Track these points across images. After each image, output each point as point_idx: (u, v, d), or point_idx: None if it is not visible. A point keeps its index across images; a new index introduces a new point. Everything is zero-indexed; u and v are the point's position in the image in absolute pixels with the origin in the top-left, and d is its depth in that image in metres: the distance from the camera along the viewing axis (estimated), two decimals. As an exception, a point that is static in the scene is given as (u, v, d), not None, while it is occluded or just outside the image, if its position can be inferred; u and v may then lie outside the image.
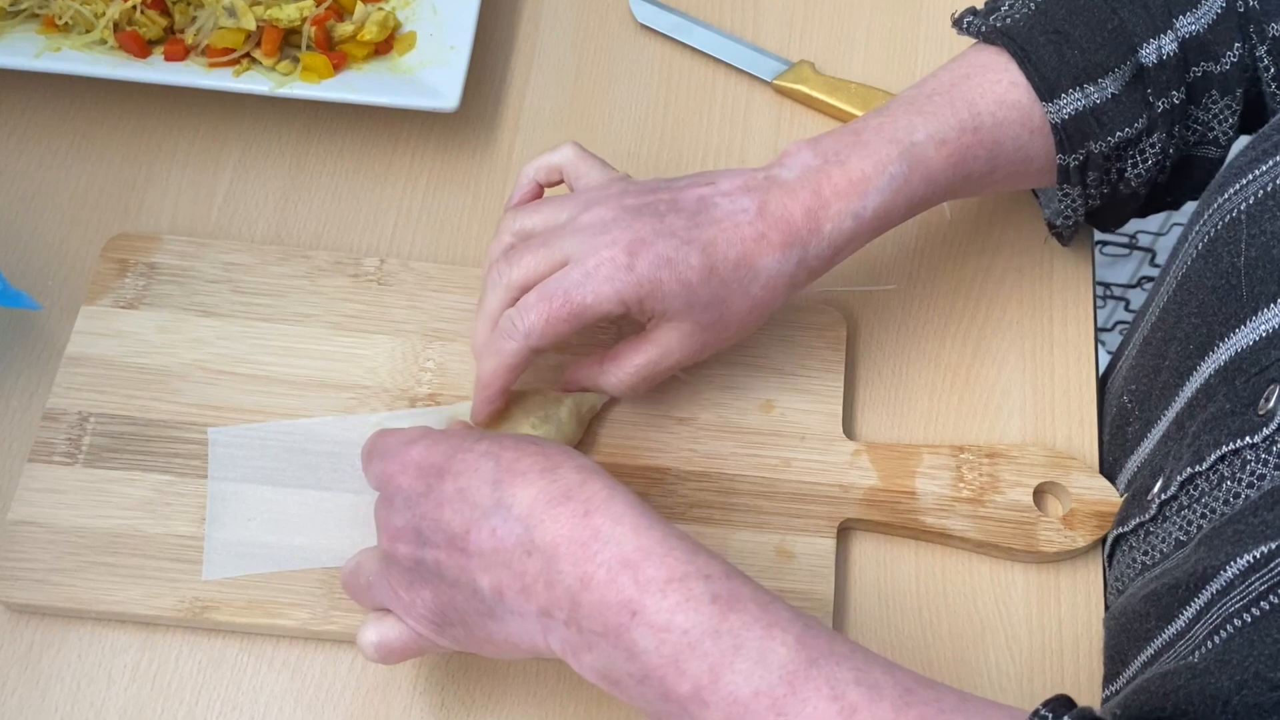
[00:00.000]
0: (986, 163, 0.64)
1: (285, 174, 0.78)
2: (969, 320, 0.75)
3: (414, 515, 0.53)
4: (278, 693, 0.63)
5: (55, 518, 0.64)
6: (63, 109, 0.79)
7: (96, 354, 0.69)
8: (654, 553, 0.49)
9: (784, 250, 0.61)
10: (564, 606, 0.50)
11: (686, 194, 0.62)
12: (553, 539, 0.50)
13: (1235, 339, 0.56)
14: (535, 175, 0.67)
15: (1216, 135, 0.68)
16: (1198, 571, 0.53)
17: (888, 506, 0.67)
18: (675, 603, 0.48)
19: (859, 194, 0.62)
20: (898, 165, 0.62)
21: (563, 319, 0.60)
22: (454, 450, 0.54)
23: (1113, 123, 0.64)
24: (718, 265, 0.61)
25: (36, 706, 0.62)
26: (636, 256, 0.60)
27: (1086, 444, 0.71)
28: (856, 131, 0.64)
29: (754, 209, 0.61)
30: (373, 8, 0.79)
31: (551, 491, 0.51)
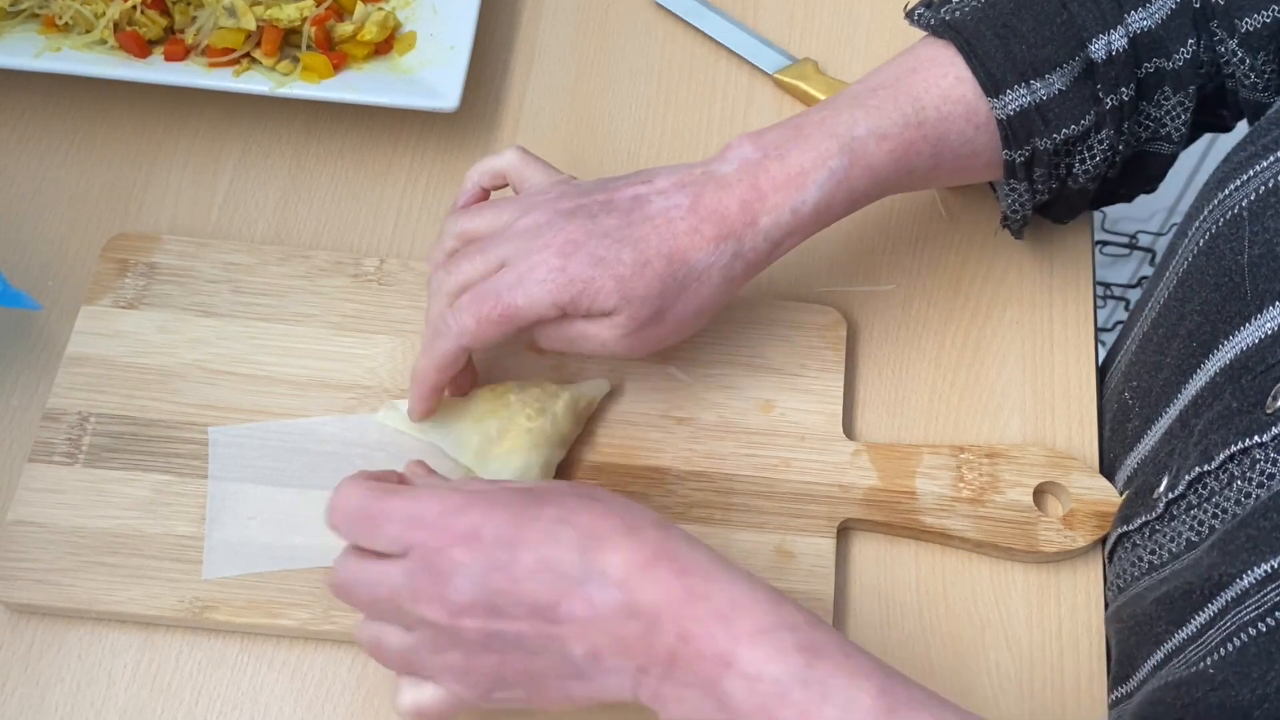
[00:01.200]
0: (930, 157, 0.64)
1: (285, 174, 0.78)
2: (969, 320, 0.75)
3: (485, 591, 0.52)
4: (278, 693, 0.63)
5: (55, 518, 0.64)
6: (63, 109, 0.79)
7: (96, 354, 0.69)
8: (742, 604, 0.51)
9: (717, 244, 0.61)
10: (661, 662, 0.51)
11: (622, 194, 0.62)
12: (654, 600, 0.51)
13: (1240, 336, 0.56)
14: (479, 180, 0.67)
15: (1169, 132, 0.67)
16: (1212, 577, 0.52)
17: (888, 506, 0.67)
18: (766, 654, 0.50)
19: (797, 188, 0.61)
20: (838, 160, 0.62)
21: (494, 321, 0.60)
22: (520, 520, 0.53)
23: (1059, 119, 0.64)
24: (651, 260, 0.60)
25: (36, 706, 0.62)
26: (569, 258, 0.60)
27: (1086, 444, 0.71)
28: (798, 126, 0.63)
29: (686, 204, 0.61)
30: (373, 8, 0.79)
31: (642, 554, 0.52)
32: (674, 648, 0.50)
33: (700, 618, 0.50)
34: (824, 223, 0.63)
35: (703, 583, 0.51)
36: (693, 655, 0.50)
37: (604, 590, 0.51)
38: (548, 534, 0.52)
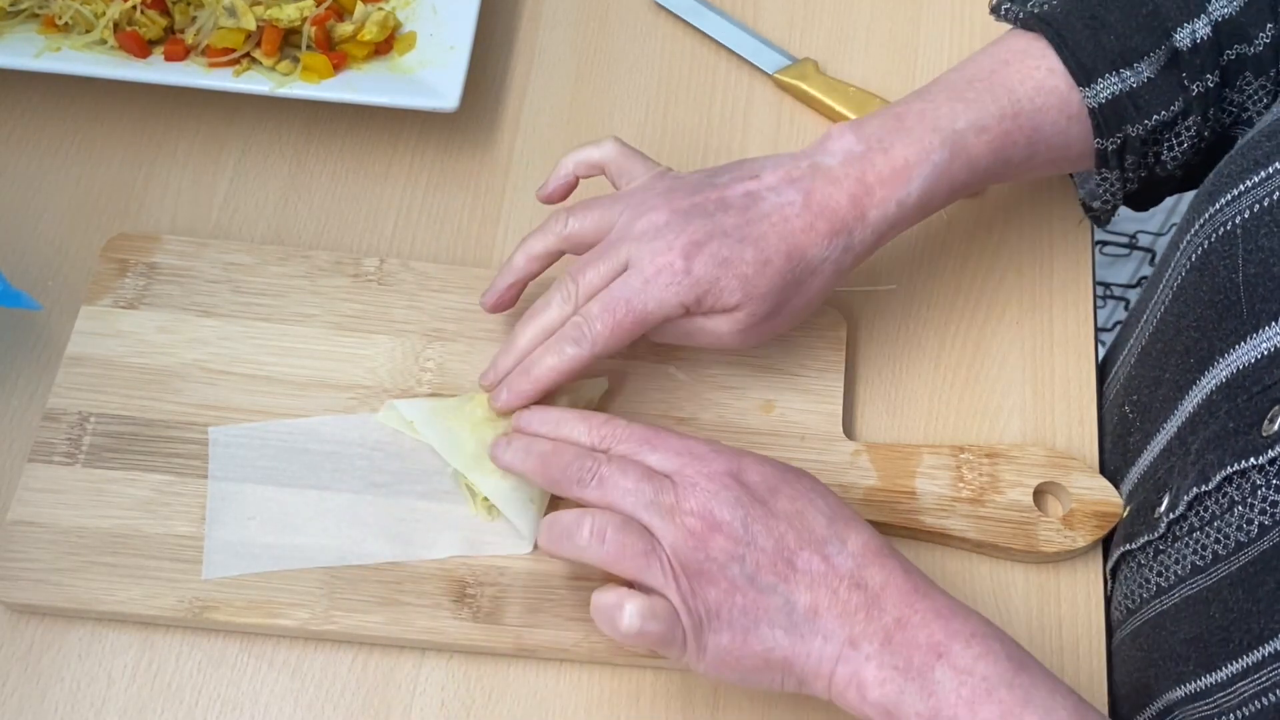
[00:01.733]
0: (1026, 149, 0.65)
1: (285, 174, 0.78)
2: (969, 320, 0.75)
3: (745, 514, 0.56)
4: (278, 693, 0.63)
5: (55, 518, 0.64)
6: (63, 109, 0.79)
7: (96, 354, 0.69)
8: (958, 611, 0.55)
9: (831, 239, 0.63)
10: (875, 640, 0.54)
11: (733, 190, 0.63)
12: (881, 583, 0.55)
13: (1236, 355, 0.56)
14: (575, 169, 0.68)
15: (1251, 115, 0.68)
16: (1252, 630, 0.53)
17: (887, 506, 0.67)
18: (977, 653, 0.54)
19: (902, 181, 0.63)
20: (940, 153, 0.63)
21: (627, 328, 0.62)
22: (781, 475, 0.58)
23: (1149, 106, 0.65)
24: (771, 258, 0.62)
25: (36, 706, 0.62)
26: (692, 259, 0.61)
27: (1086, 444, 0.71)
28: (899, 117, 0.64)
29: (800, 200, 0.62)
30: (373, 8, 0.79)
31: (878, 544, 0.57)
32: (890, 629, 0.54)
33: (920, 609, 0.55)
34: (925, 214, 0.65)
35: (924, 584, 0.56)
36: (907, 641, 0.54)
37: (841, 555, 0.56)
38: (802, 494, 0.58)
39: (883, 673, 0.54)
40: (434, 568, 0.64)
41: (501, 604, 0.64)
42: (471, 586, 0.64)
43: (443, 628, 0.63)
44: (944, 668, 0.53)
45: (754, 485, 0.57)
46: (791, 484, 0.58)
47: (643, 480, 0.58)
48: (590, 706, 0.63)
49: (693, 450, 0.58)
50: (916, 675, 0.53)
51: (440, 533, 0.65)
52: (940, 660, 0.53)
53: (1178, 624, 0.59)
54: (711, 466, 0.57)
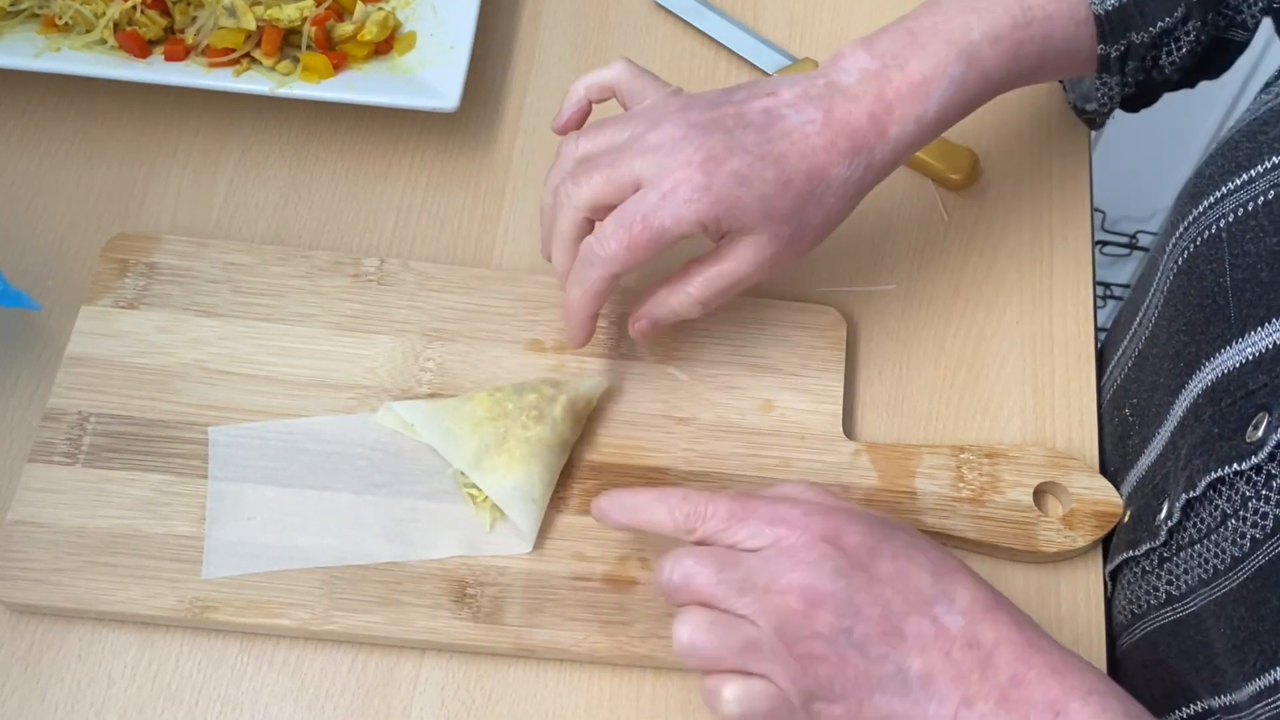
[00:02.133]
0: (1037, 57, 0.65)
1: (285, 174, 0.78)
2: (969, 320, 0.75)
3: (847, 584, 0.53)
4: (278, 693, 0.63)
5: (55, 518, 0.64)
6: (63, 109, 0.79)
7: (96, 354, 0.69)
8: (1073, 665, 0.53)
9: (852, 157, 0.62)
10: (990, 699, 0.52)
11: (750, 106, 0.62)
12: (995, 640, 0.53)
13: (1221, 359, 0.56)
14: (586, 93, 0.67)
15: (1244, 19, 0.69)
16: (1267, 651, 0.52)
17: (888, 507, 0.67)
18: (1095, 711, 0.51)
19: (920, 98, 0.62)
20: (956, 66, 0.62)
21: (643, 245, 0.60)
22: (879, 532, 0.55)
23: (1154, 13, 0.65)
24: (792, 178, 0.61)
25: (36, 706, 0.62)
26: (712, 175, 0.60)
27: (1086, 444, 0.71)
28: (911, 32, 0.63)
29: (820, 118, 0.61)
30: (373, 8, 0.79)
31: (986, 595, 0.54)
32: (1005, 688, 0.52)
33: (1035, 664, 0.52)
34: (942, 129, 0.64)
35: (1036, 637, 0.53)
36: (1024, 699, 0.52)
37: (950, 614, 0.53)
38: (904, 552, 0.54)
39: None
40: (434, 568, 0.64)
41: (501, 604, 0.64)
42: (471, 586, 0.64)
43: (443, 628, 0.63)
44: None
45: (853, 549, 0.54)
46: (891, 540, 0.55)
47: (725, 569, 0.54)
48: (590, 706, 0.63)
49: (786, 518, 0.55)
50: None
51: (440, 533, 0.65)
52: (1058, 718, 0.51)
53: (1189, 637, 0.59)
54: (809, 534, 0.54)
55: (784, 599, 0.53)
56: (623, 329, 0.71)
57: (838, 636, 0.53)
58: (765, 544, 0.54)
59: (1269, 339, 0.54)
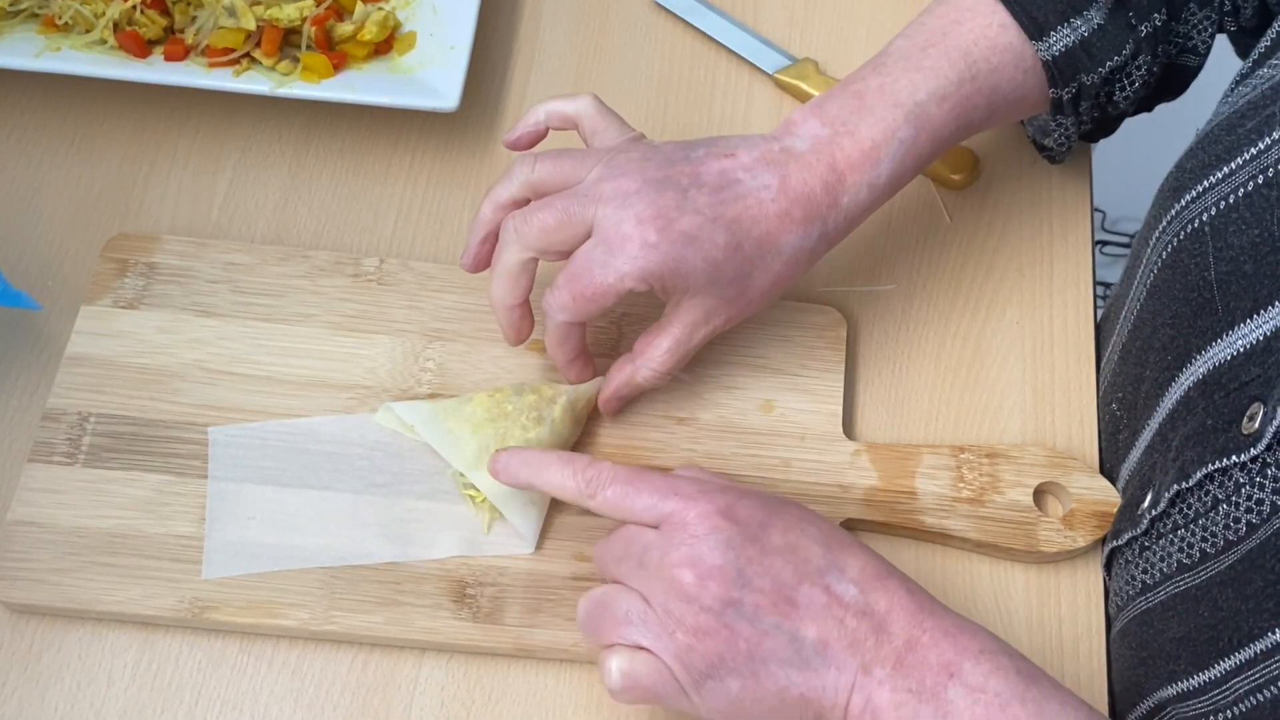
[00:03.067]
0: (986, 109, 0.65)
1: (285, 174, 0.78)
2: (969, 320, 0.75)
3: (736, 557, 0.54)
4: (278, 693, 0.63)
5: (55, 518, 0.64)
6: (63, 109, 0.79)
7: (96, 354, 0.69)
8: (965, 627, 0.54)
9: (806, 226, 0.62)
10: (887, 664, 0.53)
11: (708, 166, 0.62)
12: (887, 606, 0.54)
13: (1212, 352, 0.56)
14: (547, 119, 0.67)
15: (1195, 44, 0.69)
16: (1240, 627, 0.53)
17: (888, 506, 0.67)
18: (988, 670, 0.53)
19: (871, 164, 0.62)
20: (905, 129, 0.63)
21: (588, 298, 0.61)
22: (770, 507, 0.56)
23: (1101, 53, 0.65)
24: (743, 243, 0.61)
25: (36, 706, 0.62)
26: (662, 233, 0.60)
27: (1086, 444, 0.71)
28: (859, 95, 0.64)
29: (776, 185, 0.61)
30: (373, 8, 0.79)
31: (877, 565, 0.56)
32: (900, 653, 0.53)
33: (929, 628, 0.54)
34: (894, 192, 0.65)
35: (928, 602, 0.55)
36: (918, 662, 0.53)
37: (842, 583, 0.54)
38: (795, 525, 0.56)
39: (897, 696, 0.53)
40: (434, 568, 0.64)
41: (501, 604, 0.64)
42: (471, 586, 0.64)
43: (443, 628, 0.63)
44: (956, 687, 0.52)
45: (744, 521, 0.55)
46: (782, 514, 0.56)
47: (627, 545, 0.56)
48: (590, 706, 0.63)
49: (679, 491, 0.56)
50: (930, 696, 0.52)
51: (440, 533, 0.65)
52: (952, 679, 0.52)
53: (1166, 622, 0.59)
54: (700, 506, 0.55)
55: (675, 573, 0.54)
56: (623, 329, 0.71)
57: (726, 609, 0.53)
58: (660, 518, 0.56)
59: (1259, 331, 0.54)
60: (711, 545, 0.54)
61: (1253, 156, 0.57)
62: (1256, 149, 0.57)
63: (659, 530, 0.56)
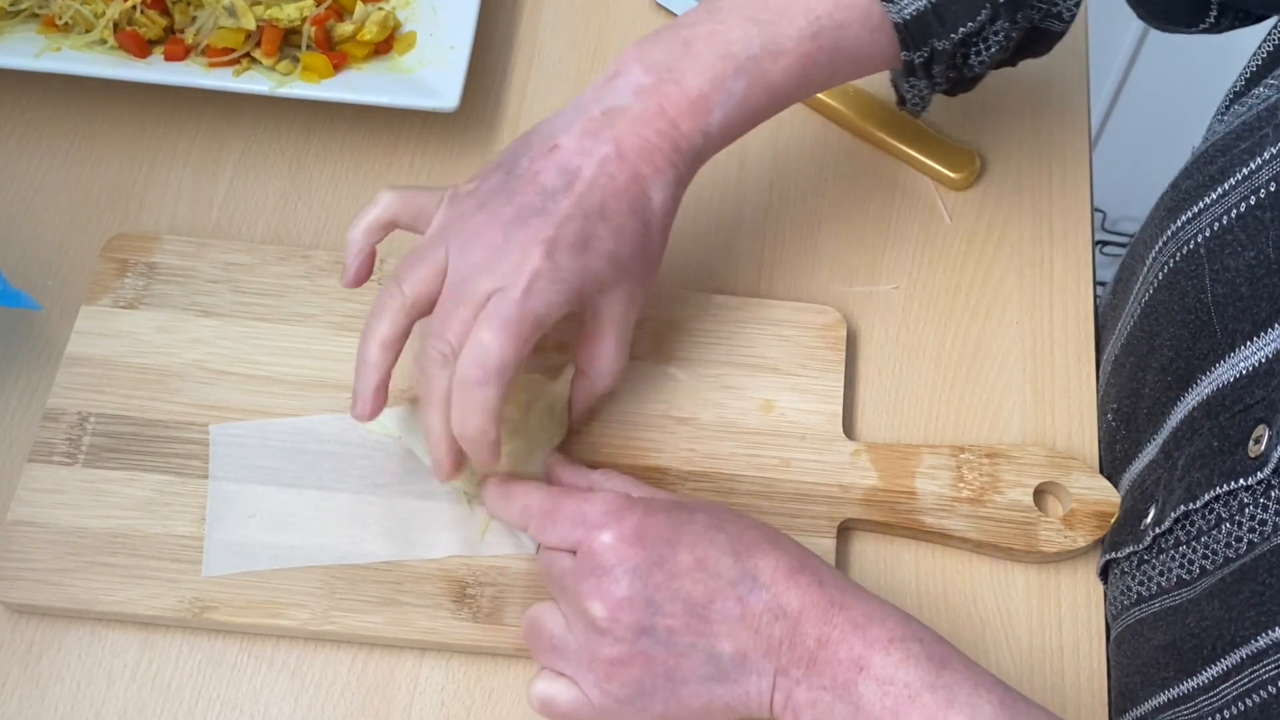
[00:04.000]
0: (828, 67, 0.62)
1: (285, 174, 0.78)
2: (969, 321, 0.75)
3: (644, 585, 0.54)
4: (278, 693, 0.63)
5: (55, 518, 0.64)
6: (63, 109, 0.79)
7: (96, 354, 0.69)
8: (875, 616, 0.54)
9: (658, 176, 0.60)
10: (801, 664, 0.53)
11: (544, 172, 0.59)
12: (799, 605, 0.54)
13: (1215, 374, 0.56)
14: (367, 238, 0.62)
15: (1060, 10, 0.66)
16: (1224, 635, 0.53)
17: (888, 506, 0.67)
18: (898, 659, 0.52)
19: (703, 112, 0.60)
20: (734, 81, 0.60)
21: (519, 343, 0.57)
22: (677, 522, 0.56)
23: (955, 18, 0.62)
24: (622, 223, 0.59)
25: (36, 706, 0.62)
26: (553, 256, 0.57)
27: (1086, 444, 0.71)
28: (686, 41, 0.61)
29: (613, 153, 0.59)
30: (373, 8, 0.79)
31: (787, 562, 0.55)
32: (813, 651, 0.53)
33: (838, 623, 0.53)
34: (730, 139, 0.62)
35: (839, 594, 0.54)
36: (830, 659, 0.53)
37: (754, 592, 0.54)
38: (703, 537, 0.55)
39: (813, 694, 0.53)
40: (434, 568, 0.64)
41: (501, 604, 0.64)
42: (471, 586, 0.64)
43: (443, 628, 0.63)
44: (866, 681, 0.52)
45: (650, 543, 0.55)
46: (689, 527, 0.56)
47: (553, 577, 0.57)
48: (590, 706, 0.63)
49: (586, 518, 0.56)
50: (843, 692, 0.52)
51: (440, 533, 0.65)
52: (862, 674, 0.52)
53: (1155, 632, 0.59)
54: (607, 535, 0.55)
55: (588, 605, 0.55)
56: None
57: (640, 638, 0.54)
58: (573, 546, 0.56)
59: (1260, 354, 0.54)
60: (619, 576, 0.54)
61: (1244, 177, 0.56)
62: (1248, 169, 0.56)
63: (574, 558, 0.56)
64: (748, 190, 0.79)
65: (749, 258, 0.76)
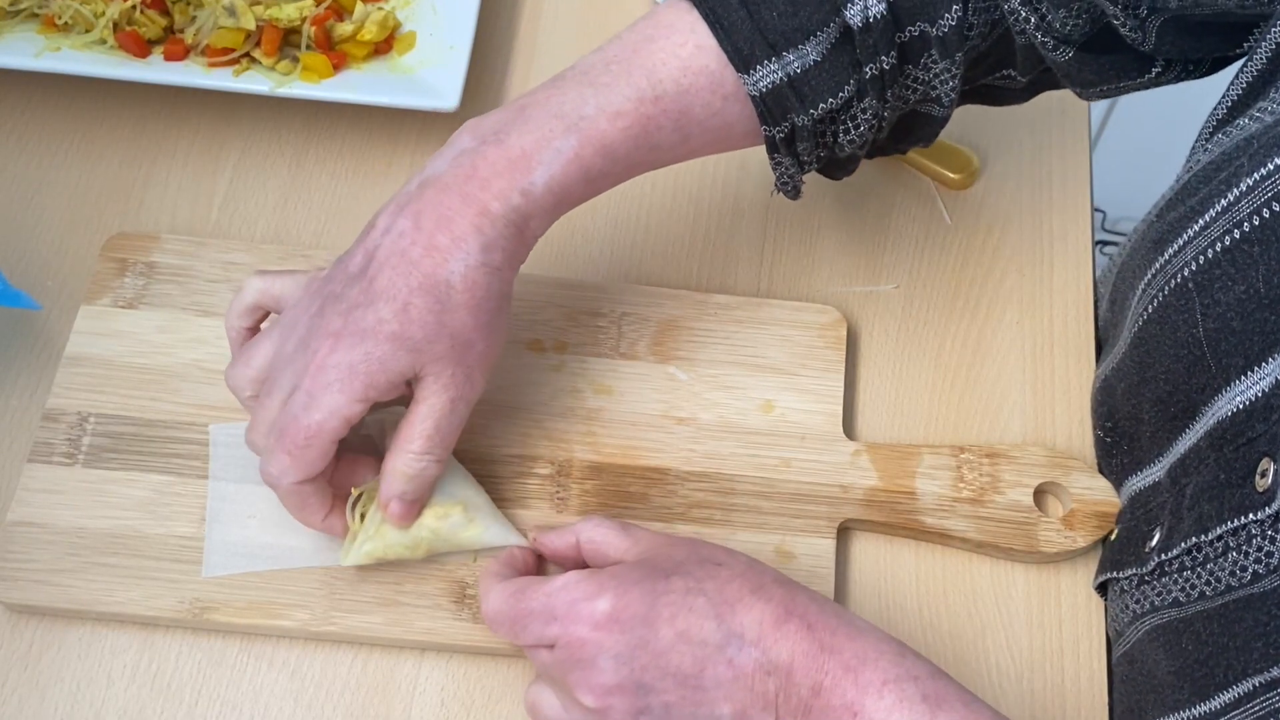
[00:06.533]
0: (675, 132, 0.60)
1: (285, 174, 0.78)
2: (969, 320, 0.75)
3: (630, 670, 0.54)
4: (278, 693, 0.63)
5: (55, 518, 0.64)
6: (63, 109, 0.79)
7: (96, 354, 0.69)
8: (868, 657, 0.53)
9: (456, 246, 0.56)
10: (798, 713, 0.53)
11: (354, 260, 0.58)
12: (788, 656, 0.53)
13: (1215, 407, 0.56)
14: (239, 323, 0.63)
15: (939, 95, 0.63)
16: (1235, 665, 0.53)
17: (888, 506, 0.67)
18: (891, 702, 0.52)
19: (522, 170, 0.57)
20: (564, 139, 0.57)
21: (304, 445, 0.57)
22: (653, 595, 0.55)
23: (815, 94, 0.59)
24: (408, 300, 0.56)
25: (36, 706, 0.62)
26: (336, 351, 0.56)
27: (1086, 444, 0.71)
28: (521, 107, 0.59)
29: (410, 227, 0.57)
30: (373, 7, 0.79)
31: (772, 612, 0.54)
32: (808, 700, 0.53)
33: (830, 670, 0.53)
34: (568, 204, 0.59)
35: (829, 636, 0.54)
36: (824, 707, 0.52)
37: (742, 651, 0.53)
38: (682, 606, 0.54)
39: None
40: (434, 568, 0.64)
41: (501, 604, 0.63)
42: (471, 587, 0.64)
43: (443, 628, 0.63)
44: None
45: (628, 623, 0.54)
46: (666, 597, 0.54)
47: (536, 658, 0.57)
48: (590, 706, 0.63)
49: (555, 613, 0.55)
50: None
51: (440, 533, 0.65)
52: (856, 719, 0.52)
53: (1155, 651, 0.59)
54: (582, 625, 0.54)
55: (578, 696, 0.54)
56: (623, 328, 0.71)
57: (640, 715, 0.54)
58: (550, 642, 0.55)
59: (1255, 389, 0.54)
60: (603, 665, 0.54)
61: (1224, 208, 0.55)
62: (1226, 200, 0.55)
63: (552, 652, 0.55)
64: (748, 190, 0.79)
65: (749, 258, 0.76)
